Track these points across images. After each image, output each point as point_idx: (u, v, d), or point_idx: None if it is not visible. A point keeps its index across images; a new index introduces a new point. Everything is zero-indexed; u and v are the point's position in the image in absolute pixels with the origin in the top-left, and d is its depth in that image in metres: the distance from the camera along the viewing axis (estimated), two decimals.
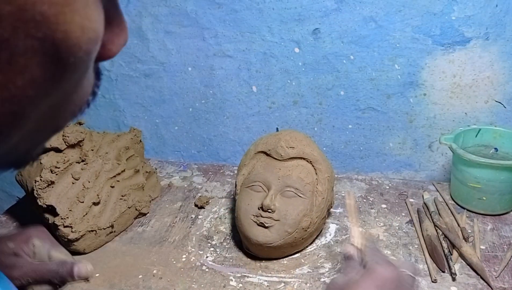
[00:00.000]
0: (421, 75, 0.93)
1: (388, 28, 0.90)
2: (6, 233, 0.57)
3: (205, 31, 0.99)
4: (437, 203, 0.84)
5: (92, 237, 0.73)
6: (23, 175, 0.78)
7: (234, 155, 1.09)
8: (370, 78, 0.95)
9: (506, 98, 0.92)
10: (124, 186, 0.80)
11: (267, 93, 1.01)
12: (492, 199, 0.80)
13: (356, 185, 0.95)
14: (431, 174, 1.02)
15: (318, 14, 0.92)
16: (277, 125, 1.04)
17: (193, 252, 0.75)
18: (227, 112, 1.06)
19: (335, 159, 1.04)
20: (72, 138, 0.75)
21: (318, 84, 0.98)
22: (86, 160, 0.76)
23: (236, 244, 0.77)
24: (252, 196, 0.72)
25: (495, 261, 0.71)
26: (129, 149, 0.84)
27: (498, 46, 0.88)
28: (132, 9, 1.00)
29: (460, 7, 0.86)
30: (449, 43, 0.89)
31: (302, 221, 0.69)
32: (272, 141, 0.76)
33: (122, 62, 1.06)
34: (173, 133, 1.11)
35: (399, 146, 1.01)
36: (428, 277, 0.68)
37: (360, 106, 0.98)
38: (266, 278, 0.69)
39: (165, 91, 1.07)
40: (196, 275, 0.70)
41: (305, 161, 0.74)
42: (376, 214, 0.84)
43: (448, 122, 0.96)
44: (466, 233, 0.75)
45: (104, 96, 1.11)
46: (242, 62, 1.00)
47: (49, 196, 0.71)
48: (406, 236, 0.78)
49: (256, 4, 0.94)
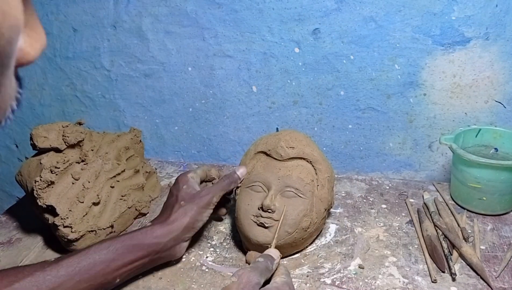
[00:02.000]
0: (421, 75, 0.93)
1: (388, 28, 0.90)
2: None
3: (205, 31, 0.99)
4: (437, 203, 0.84)
5: (92, 237, 0.73)
6: (23, 175, 0.78)
7: (234, 155, 1.09)
8: (370, 78, 0.95)
9: (506, 98, 0.92)
10: (124, 186, 0.80)
11: (267, 93, 1.01)
12: (492, 199, 0.80)
13: (356, 185, 0.95)
14: (431, 174, 1.02)
15: (318, 14, 0.92)
16: (277, 125, 1.04)
17: (193, 252, 0.75)
18: (227, 112, 1.06)
19: (335, 159, 1.04)
20: (72, 138, 0.75)
21: (318, 84, 0.98)
22: (86, 160, 0.76)
23: (236, 244, 0.77)
24: (252, 196, 0.72)
25: (495, 261, 0.71)
26: (129, 149, 0.84)
27: (498, 46, 0.88)
28: (132, 9, 1.00)
29: (460, 7, 0.86)
30: (449, 43, 0.89)
31: (302, 221, 0.69)
32: (272, 141, 0.76)
33: (122, 62, 1.06)
34: (173, 133, 1.11)
35: (399, 146, 1.01)
36: (428, 277, 0.68)
37: (360, 106, 0.98)
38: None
39: (165, 91, 1.07)
40: (196, 275, 0.70)
41: (305, 161, 0.74)
42: (376, 214, 0.84)
43: (448, 122, 0.96)
44: (466, 233, 0.75)
45: (104, 96, 1.11)
46: (242, 62, 1.00)
47: (49, 196, 0.71)
48: (406, 236, 0.78)
49: (256, 4, 0.94)
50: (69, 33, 1.06)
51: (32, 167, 0.76)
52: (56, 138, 0.75)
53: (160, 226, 0.67)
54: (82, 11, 1.03)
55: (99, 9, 1.02)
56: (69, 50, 1.08)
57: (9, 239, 0.80)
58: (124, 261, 0.63)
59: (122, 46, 1.04)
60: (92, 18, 1.03)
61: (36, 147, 0.76)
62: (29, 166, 0.77)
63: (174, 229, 0.67)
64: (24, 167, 0.78)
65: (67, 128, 0.76)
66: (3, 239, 0.80)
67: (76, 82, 1.11)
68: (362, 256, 0.73)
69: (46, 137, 0.75)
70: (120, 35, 1.03)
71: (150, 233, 0.66)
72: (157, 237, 0.66)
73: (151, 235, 0.65)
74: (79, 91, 1.12)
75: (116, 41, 1.04)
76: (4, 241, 0.79)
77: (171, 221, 0.67)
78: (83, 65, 1.09)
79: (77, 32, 1.06)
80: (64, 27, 1.06)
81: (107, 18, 1.03)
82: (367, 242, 0.76)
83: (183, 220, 0.68)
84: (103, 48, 1.06)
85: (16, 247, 0.77)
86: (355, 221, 0.82)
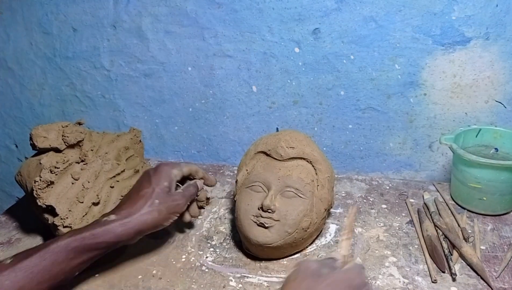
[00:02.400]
0: (421, 75, 0.93)
1: (388, 28, 0.90)
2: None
3: (205, 31, 0.99)
4: (437, 203, 0.84)
5: None
6: (22, 175, 0.78)
7: (234, 155, 1.09)
8: (370, 78, 0.95)
9: (506, 98, 0.92)
10: (124, 186, 0.80)
11: (267, 93, 1.01)
12: (493, 199, 0.80)
13: (356, 185, 0.95)
14: (431, 174, 1.02)
15: (318, 14, 0.92)
16: (277, 125, 1.04)
17: (192, 253, 0.75)
18: (227, 112, 1.06)
19: (335, 159, 1.04)
20: (71, 138, 0.75)
21: (318, 84, 0.98)
22: (85, 160, 0.76)
23: (236, 244, 0.77)
24: (252, 196, 0.72)
25: (495, 262, 0.71)
26: (129, 149, 0.84)
27: (498, 46, 0.88)
28: (132, 9, 1.00)
29: (460, 7, 0.86)
30: (449, 43, 0.89)
31: (302, 221, 0.69)
32: (272, 141, 0.76)
33: (122, 62, 1.06)
34: (173, 133, 1.11)
35: (399, 146, 1.01)
36: (428, 278, 0.68)
37: (360, 106, 0.98)
38: (266, 278, 0.69)
39: (165, 91, 1.07)
40: (196, 276, 0.70)
41: (305, 161, 0.74)
42: (376, 214, 0.84)
43: (448, 122, 0.96)
44: (466, 233, 0.75)
45: (104, 96, 1.11)
46: (242, 62, 1.00)
47: (48, 196, 0.71)
48: (406, 237, 0.78)
49: (256, 4, 0.94)
50: (69, 33, 1.06)
51: (32, 167, 0.76)
52: (56, 138, 0.75)
53: (121, 224, 0.63)
54: (82, 11, 1.03)
55: (99, 9, 1.02)
56: (69, 50, 1.08)
57: (9, 239, 0.80)
58: (83, 258, 0.61)
59: (122, 46, 1.04)
60: (92, 18, 1.03)
61: (35, 147, 0.76)
62: (29, 166, 0.77)
63: (137, 226, 0.64)
64: (24, 167, 0.78)
65: (67, 128, 0.76)
66: (3, 239, 0.80)
67: (76, 82, 1.11)
68: (362, 256, 0.73)
69: (45, 137, 0.75)
70: (120, 35, 1.03)
71: (112, 230, 0.62)
72: (118, 236, 0.63)
73: (113, 232, 0.62)
74: (79, 91, 1.12)
75: (116, 41, 1.04)
76: (4, 241, 0.79)
77: (135, 218, 0.64)
78: (83, 65, 1.09)
79: (77, 32, 1.06)
80: (64, 27, 1.06)
81: (107, 18, 1.02)
82: (367, 242, 0.76)
83: (149, 220, 0.65)
84: (103, 48, 1.06)
85: (16, 247, 0.77)
86: (355, 221, 0.82)
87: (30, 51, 1.10)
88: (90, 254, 0.62)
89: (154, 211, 0.65)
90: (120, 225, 0.63)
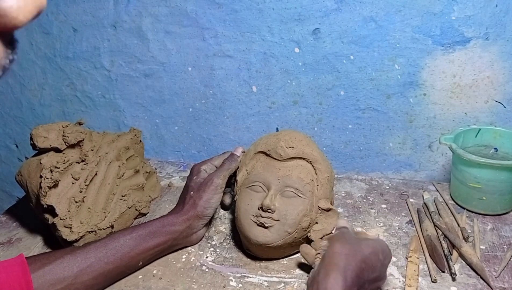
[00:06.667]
0: (421, 75, 0.93)
1: (388, 28, 0.90)
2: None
3: (205, 31, 0.99)
4: (437, 203, 0.84)
5: (92, 237, 0.73)
6: (23, 175, 0.78)
7: None
8: (370, 78, 0.95)
9: (506, 98, 0.92)
10: (124, 186, 0.80)
11: (267, 93, 1.02)
12: (492, 199, 0.80)
13: (356, 185, 0.95)
14: (431, 174, 1.02)
15: (318, 14, 0.92)
16: (277, 125, 1.04)
17: (193, 252, 0.75)
18: (227, 112, 1.06)
19: (335, 159, 1.04)
20: (72, 138, 0.75)
21: (318, 84, 0.98)
22: (86, 160, 0.76)
23: (236, 244, 0.77)
24: (252, 196, 0.72)
25: (495, 261, 0.71)
26: (129, 149, 0.84)
27: (498, 46, 0.88)
28: (132, 9, 1.00)
29: (460, 7, 0.86)
30: (449, 43, 0.89)
31: (302, 221, 0.69)
32: (272, 141, 0.76)
33: (122, 62, 1.06)
34: (173, 133, 1.11)
35: (399, 146, 1.01)
36: (428, 277, 0.68)
37: (360, 106, 0.98)
38: (266, 278, 0.69)
39: (165, 91, 1.07)
40: (196, 275, 0.70)
41: (305, 161, 0.74)
42: (376, 214, 0.84)
43: (448, 122, 0.96)
44: (466, 233, 0.75)
45: (104, 96, 1.11)
46: (242, 62, 1.00)
47: (49, 196, 0.71)
48: (406, 236, 0.78)
49: (256, 4, 0.94)
50: (69, 33, 1.06)
51: (32, 167, 0.76)
52: (56, 138, 0.75)
53: (175, 217, 0.72)
54: (82, 11, 1.03)
55: (99, 9, 1.02)
56: (69, 50, 1.08)
57: (9, 239, 0.80)
58: (146, 246, 0.68)
59: (122, 46, 1.05)
60: (92, 18, 1.03)
61: (36, 147, 0.76)
62: (29, 166, 0.77)
63: (187, 218, 0.72)
64: (24, 167, 0.78)
65: (67, 128, 0.76)
66: (3, 239, 0.80)
67: (76, 82, 1.11)
68: None
69: (46, 137, 0.75)
70: (120, 35, 1.03)
71: (167, 222, 0.71)
72: (174, 225, 0.71)
73: (168, 223, 0.71)
74: (79, 91, 1.12)
75: (116, 41, 1.04)
76: (4, 241, 0.79)
77: (184, 212, 0.73)
78: (83, 65, 1.09)
79: (77, 32, 1.06)
80: (64, 27, 1.06)
81: (107, 18, 1.03)
82: None
83: (193, 210, 0.73)
84: (103, 48, 1.06)
85: (16, 247, 0.77)
86: (355, 221, 0.82)
87: (30, 51, 1.10)
88: (151, 242, 0.69)
89: (191, 202, 0.73)
90: (173, 217, 0.72)
